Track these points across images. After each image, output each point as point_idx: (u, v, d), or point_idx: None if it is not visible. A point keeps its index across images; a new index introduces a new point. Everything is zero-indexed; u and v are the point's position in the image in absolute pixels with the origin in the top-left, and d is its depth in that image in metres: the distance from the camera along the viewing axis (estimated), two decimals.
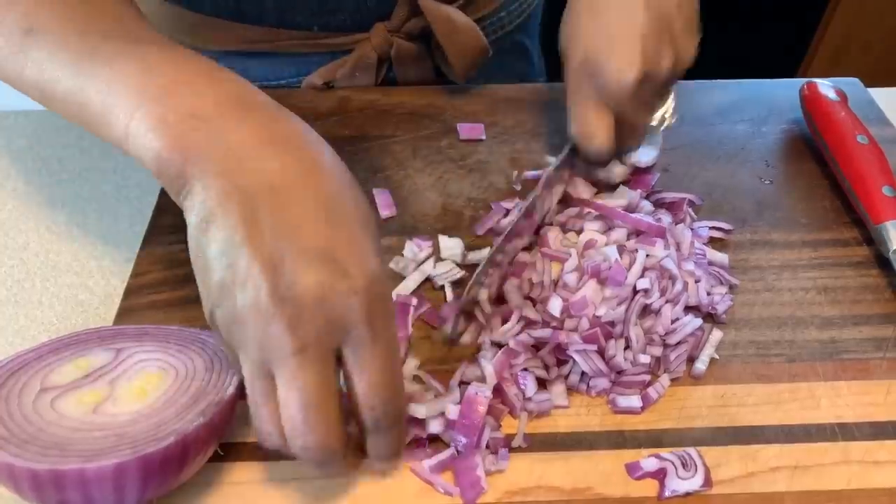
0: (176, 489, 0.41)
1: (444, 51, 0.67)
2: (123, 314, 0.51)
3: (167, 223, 0.57)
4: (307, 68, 0.70)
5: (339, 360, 0.38)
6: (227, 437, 0.44)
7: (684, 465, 0.43)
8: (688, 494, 0.42)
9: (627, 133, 0.56)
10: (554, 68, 0.87)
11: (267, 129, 0.40)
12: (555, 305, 0.47)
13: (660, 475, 0.43)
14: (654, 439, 0.45)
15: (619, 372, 0.47)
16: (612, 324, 0.47)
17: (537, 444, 0.45)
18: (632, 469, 0.44)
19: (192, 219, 0.38)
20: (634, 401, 0.46)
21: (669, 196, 0.57)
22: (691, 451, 0.44)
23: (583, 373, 0.47)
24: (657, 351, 0.48)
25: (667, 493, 0.42)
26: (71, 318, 0.53)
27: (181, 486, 0.41)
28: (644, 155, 0.60)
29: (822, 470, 0.44)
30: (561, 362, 0.48)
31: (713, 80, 0.70)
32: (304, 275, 0.36)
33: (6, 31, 0.45)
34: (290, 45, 0.69)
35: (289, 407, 0.36)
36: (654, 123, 0.61)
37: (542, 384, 0.47)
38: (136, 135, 0.40)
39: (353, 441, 0.40)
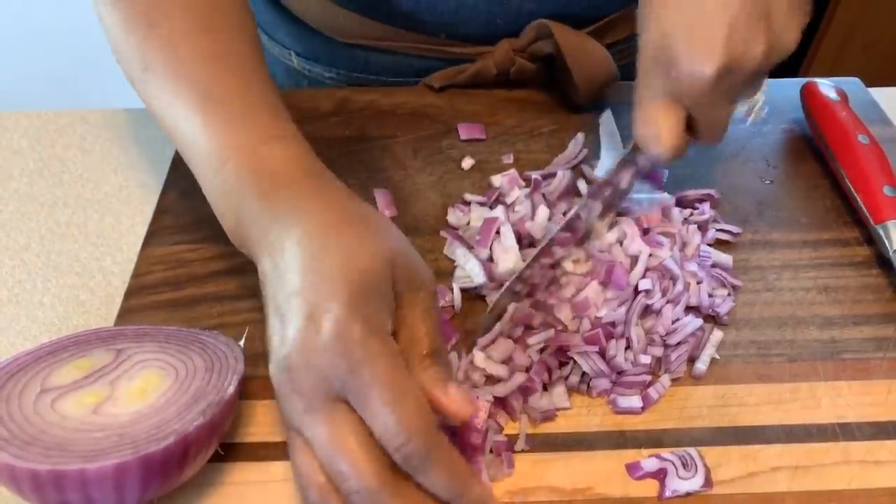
0: (177, 489, 0.41)
1: (569, 73, 0.65)
2: (124, 315, 0.51)
3: (168, 224, 0.57)
4: (426, 71, 0.70)
5: None
6: (227, 438, 0.44)
7: (685, 466, 0.43)
8: (688, 494, 0.42)
9: (704, 129, 0.49)
10: None
11: (297, 199, 0.43)
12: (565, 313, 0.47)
13: (660, 475, 0.43)
14: (655, 439, 0.45)
15: (620, 372, 0.47)
16: (613, 324, 0.47)
17: (538, 445, 0.45)
18: (632, 469, 0.44)
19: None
20: (635, 401, 0.46)
21: (692, 194, 0.58)
22: (692, 451, 0.44)
23: (583, 373, 0.47)
24: (658, 351, 0.48)
25: (667, 494, 0.42)
26: (72, 318, 0.53)
27: (182, 486, 0.41)
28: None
29: (823, 470, 0.44)
30: (561, 363, 0.48)
31: None
32: (293, 341, 0.37)
33: (131, 60, 0.50)
34: (413, 48, 0.70)
35: (320, 459, 0.37)
36: (738, 115, 0.53)
37: (543, 386, 0.47)
38: (212, 195, 0.46)
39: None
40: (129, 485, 0.36)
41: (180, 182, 0.61)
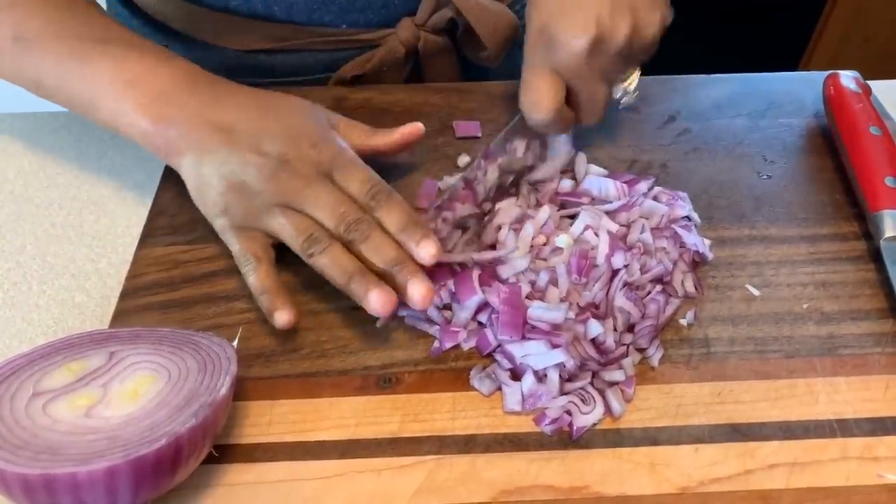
0: (170, 491, 0.41)
1: (473, 38, 0.68)
2: (119, 316, 0.51)
3: (163, 225, 0.57)
4: (335, 63, 0.71)
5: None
6: (221, 439, 0.44)
7: (584, 401, 0.45)
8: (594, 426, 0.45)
9: (585, 105, 0.56)
10: None
11: (217, 89, 0.54)
12: (594, 329, 0.47)
13: (565, 421, 0.45)
14: (651, 437, 0.45)
15: (604, 353, 0.48)
16: (597, 306, 0.48)
17: (533, 443, 0.45)
18: (540, 420, 0.45)
19: (186, 165, 0.52)
20: (618, 374, 0.47)
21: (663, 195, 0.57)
22: (588, 386, 0.46)
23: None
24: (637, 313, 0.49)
25: (575, 433, 0.45)
26: (68, 320, 0.53)
27: (175, 488, 0.41)
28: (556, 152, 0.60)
29: (821, 466, 0.43)
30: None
31: (711, 74, 0.70)
32: (279, 146, 0.50)
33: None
34: (317, 43, 0.70)
35: (325, 213, 0.49)
36: (616, 97, 0.60)
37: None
38: (121, 117, 0.53)
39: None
40: (121, 488, 0.36)
41: (175, 183, 0.60)
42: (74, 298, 0.54)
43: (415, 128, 0.58)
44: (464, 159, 0.62)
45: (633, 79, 0.61)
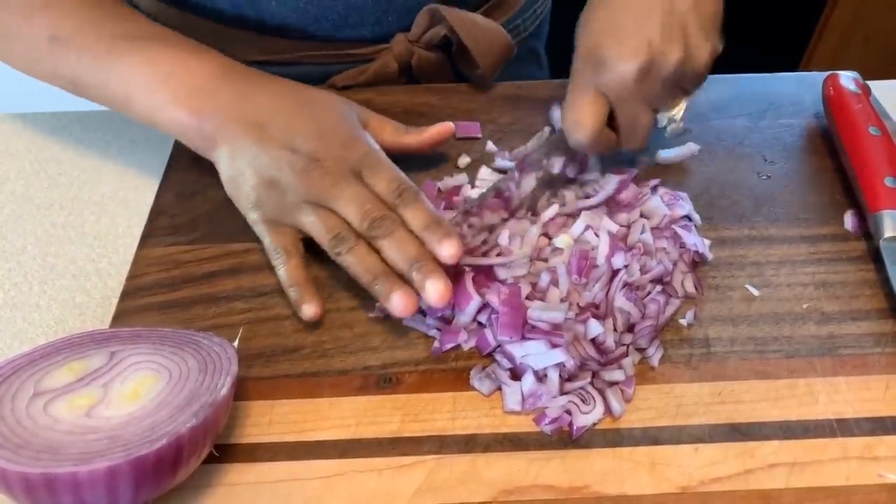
0: (171, 491, 0.41)
1: (467, 55, 0.68)
2: (120, 316, 0.51)
3: (164, 225, 0.57)
4: (329, 77, 0.71)
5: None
6: (221, 439, 0.44)
7: (584, 401, 0.46)
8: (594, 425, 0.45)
9: (627, 130, 0.55)
10: (558, 73, 0.87)
11: (251, 82, 0.56)
12: (594, 329, 0.47)
13: (565, 420, 0.45)
14: (651, 437, 0.45)
15: (604, 353, 0.48)
16: (597, 306, 0.48)
17: (533, 443, 0.45)
18: (540, 420, 0.45)
19: (222, 158, 0.53)
20: (618, 374, 0.47)
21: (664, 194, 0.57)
22: (588, 385, 0.46)
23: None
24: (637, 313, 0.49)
25: (575, 432, 0.45)
26: (68, 320, 0.53)
27: (176, 487, 0.41)
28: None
29: (821, 466, 0.43)
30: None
31: (711, 75, 0.70)
32: (311, 144, 0.52)
33: (34, 40, 0.56)
34: (311, 56, 0.70)
35: (352, 209, 0.50)
36: (660, 126, 0.61)
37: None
38: (158, 111, 0.54)
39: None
40: (122, 487, 0.36)
41: (176, 183, 0.61)
42: (75, 299, 0.55)
43: (445, 127, 0.59)
44: (464, 160, 0.62)
45: (680, 108, 0.61)
